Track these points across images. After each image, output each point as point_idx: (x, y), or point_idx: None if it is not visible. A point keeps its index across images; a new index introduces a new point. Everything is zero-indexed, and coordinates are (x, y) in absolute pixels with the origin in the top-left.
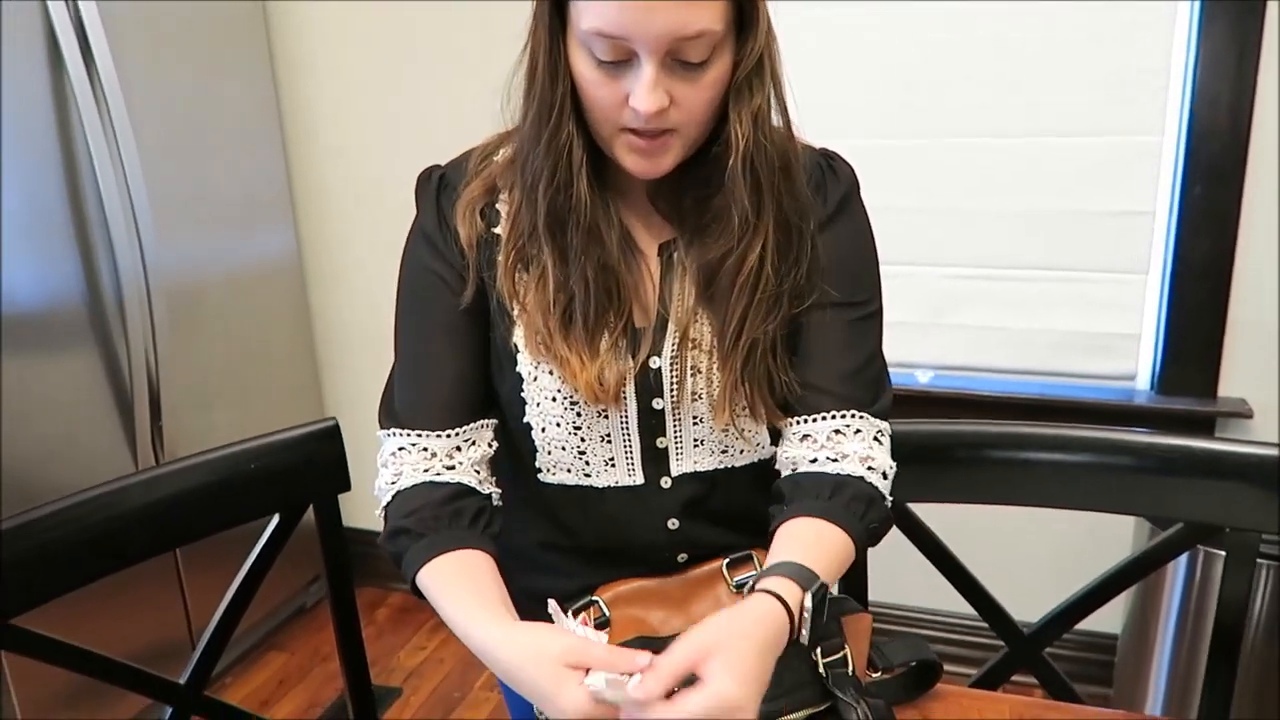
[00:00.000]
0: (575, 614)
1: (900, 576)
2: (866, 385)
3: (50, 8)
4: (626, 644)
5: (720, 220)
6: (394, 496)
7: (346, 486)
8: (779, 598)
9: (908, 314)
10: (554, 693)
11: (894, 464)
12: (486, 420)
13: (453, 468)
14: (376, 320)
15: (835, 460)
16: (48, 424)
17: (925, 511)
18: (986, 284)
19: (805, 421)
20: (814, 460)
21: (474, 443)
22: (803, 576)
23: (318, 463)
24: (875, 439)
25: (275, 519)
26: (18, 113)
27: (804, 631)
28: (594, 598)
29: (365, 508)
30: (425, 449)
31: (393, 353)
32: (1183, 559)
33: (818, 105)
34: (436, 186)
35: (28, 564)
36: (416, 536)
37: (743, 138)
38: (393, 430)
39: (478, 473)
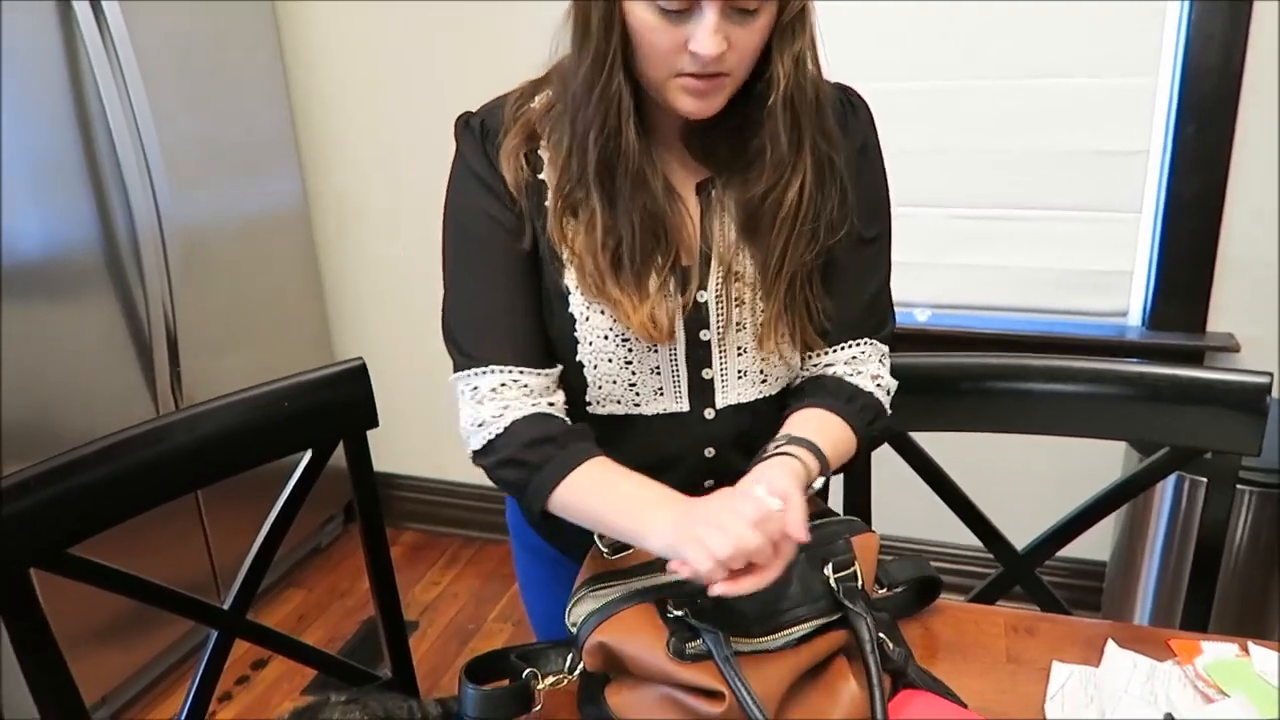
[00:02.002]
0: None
1: (902, 509)
2: (879, 314)
3: None
4: (649, 562)
5: (759, 160)
6: (512, 424)
7: (375, 423)
8: (801, 460)
9: (906, 254)
10: (732, 514)
11: (895, 381)
12: (559, 369)
13: (553, 404)
14: (382, 268)
15: (851, 377)
16: (69, 370)
17: (927, 442)
18: (983, 224)
19: (827, 353)
20: (830, 366)
21: (555, 387)
22: (816, 451)
23: (347, 401)
24: (880, 361)
25: (308, 454)
26: (29, 62)
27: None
28: None
29: (378, 448)
30: (526, 385)
31: (443, 290)
32: (1169, 488)
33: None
34: (480, 131)
35: (82, 497)
36: (558, 446)
37: (785, 78)
38: (490, 367)
39: (568, 414)
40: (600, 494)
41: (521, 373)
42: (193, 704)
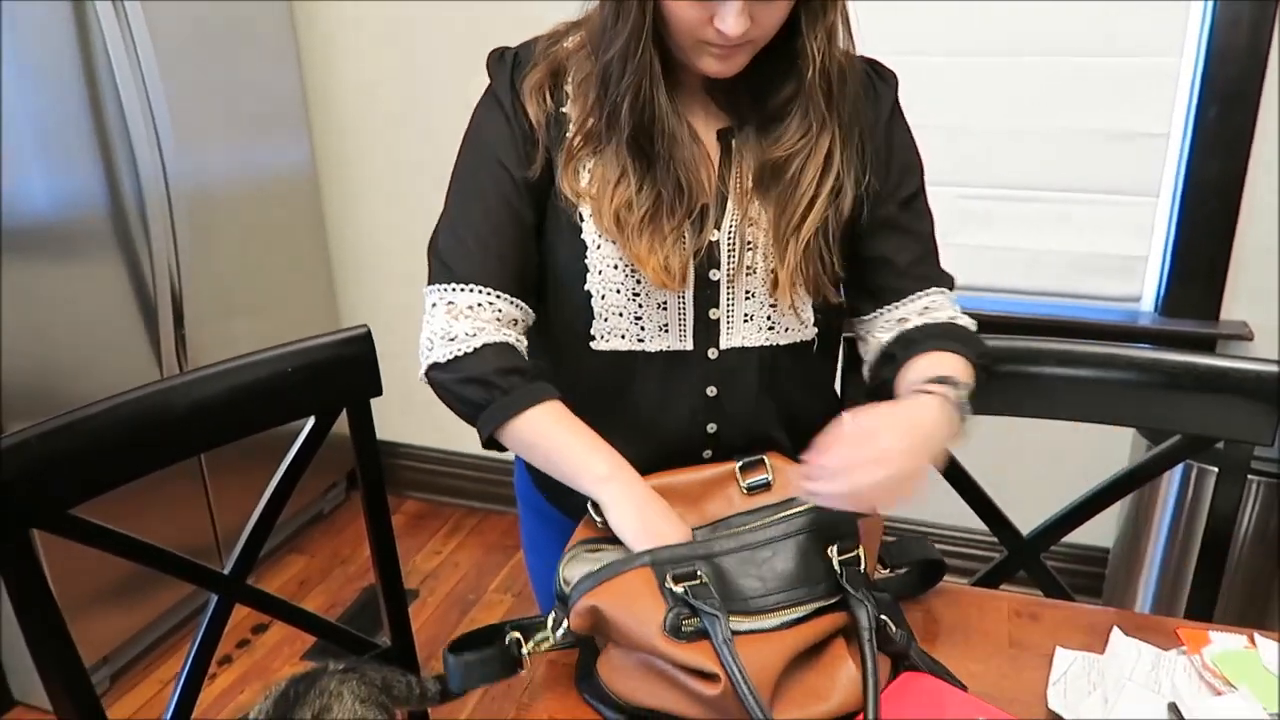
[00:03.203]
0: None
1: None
2: (936, 263)
3: None
4: None
5: (781, 120)
6: (480, 348)
7: (379, 391)
8: (943, 396)
9: None
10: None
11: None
12: (531, 310)
13: (520, 340)
14: (389, 234)
15: (938, 317)
16: (73, 331)
17: None
18: (997, 204)
19: (896, 307)
20: (911, 324)
21: (525, 323)
22: (956, 382)
23: (351, 367)
24: (954, 309)
25: (311, 421)
26: (38, 22)
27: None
28: None
29: (382, 416)
30: (499, 310)
31: (443, 206)
32: (1176, 477)
33: None
34: (511, 63)
35: (85, 457)
36: (507, 384)
37: (818, 53)
38: (467, 285)
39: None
40: (553, 436)
41: (498, 296)
42: (192, 667)
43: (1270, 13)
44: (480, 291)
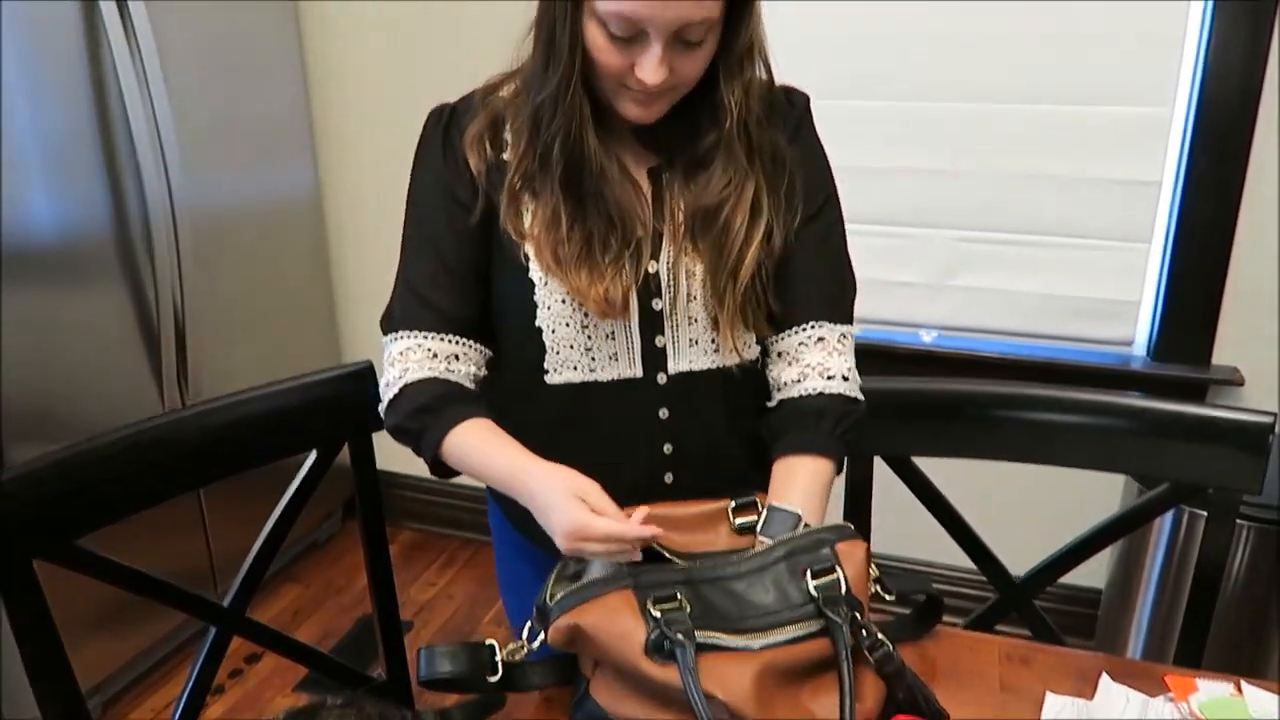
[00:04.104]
0: None
1: (900, 530)
2: (828, 291)
3: None
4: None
5: (708, 169)
6: (403, 388)
7: (380, 424)
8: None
9: (916, 275)
10: (558, 511)
11: (851, 364)
12: (479, 344)
13: (451, 372)
14: (392, 261)
15: (799, 380)
16: (76, 355)
17: (928, 466)
18: (992, 247)
19: (777, 340)
20: (784, 384)
21: (469, 358)
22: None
23: (353, 402)
24: (837, 344)
25: (313, 455)
26: (49, 45)
27: None
28: None
29: (379, 445)
30: (429, 350)
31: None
32: (1167, 519)
33: (835, 68)
34: (448, 117)
35: (90, 489)
36: (435, 413)
37: (735, 107)
38: (399, 333)
39: (472, 383)
40: (471, 459)
41: (426, 337)
42: (188, 700)
43: (1260, 64)
44: (409, 336)
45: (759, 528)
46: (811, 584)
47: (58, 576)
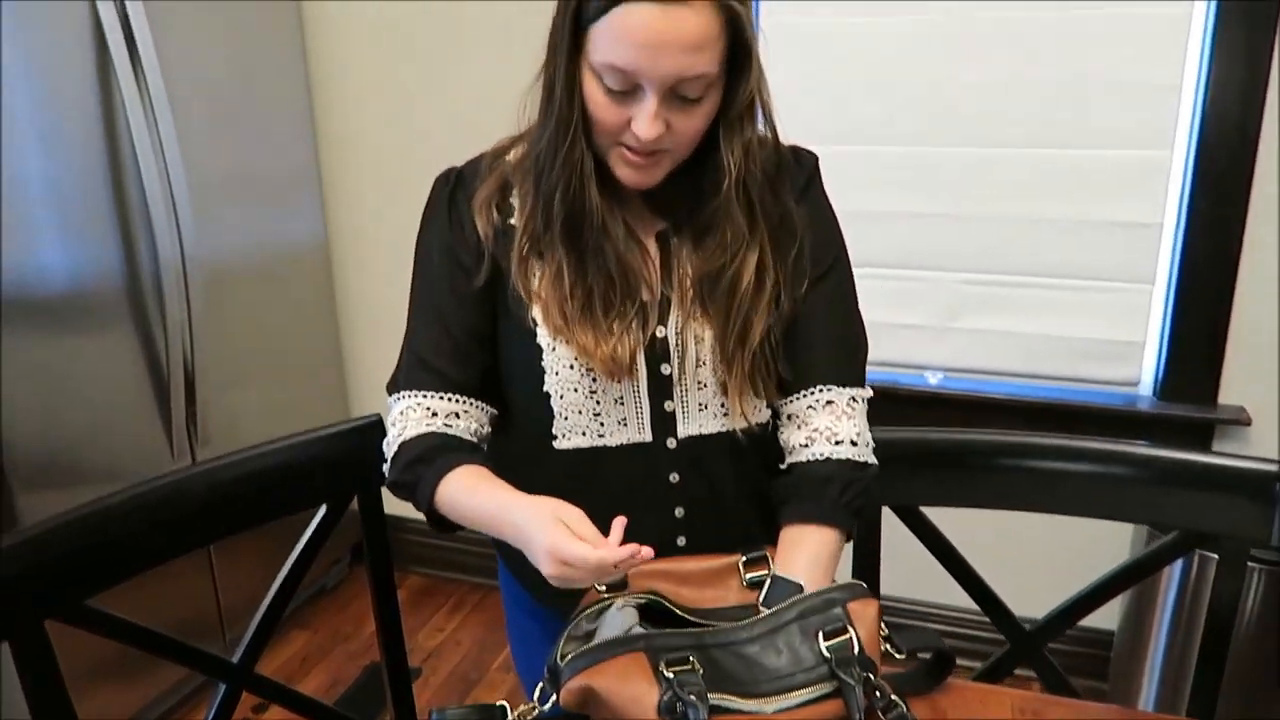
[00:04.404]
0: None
1: (912, 572)
2: (836, 354)
3: None
4: (639, 599)
5: (714, 232)
6: (401, 444)
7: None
8: None
9: (921, 317)
10: (538, 532)
11: (861, 429)
12: (483, 402)
13: (449, 428)
14: (399, 309)
15: (807, 445)
16: (86, 404)
17: (935, 512)
18: (997, 289)
19: (787, 403)
20: (793, 448)
21: (471, 415)
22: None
23: (363, 455)
24: (846, 408)
25: (323, 509)
26: (63, 96)
27: None
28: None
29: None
30: (428, 409)
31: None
32: (1178, 563)
33: (838, 113)
34: (454, 181)
35: (102, 549)
36: (429, 463)
37: (735, 167)
38: (399, 394)
39: (474, 439)
40: (460, 503)
41: (426, 396)
42: None
43: (1258, 108)
44: (410, 396)
45: (761, 597)
46: (824, 645)
47: (67, 628)
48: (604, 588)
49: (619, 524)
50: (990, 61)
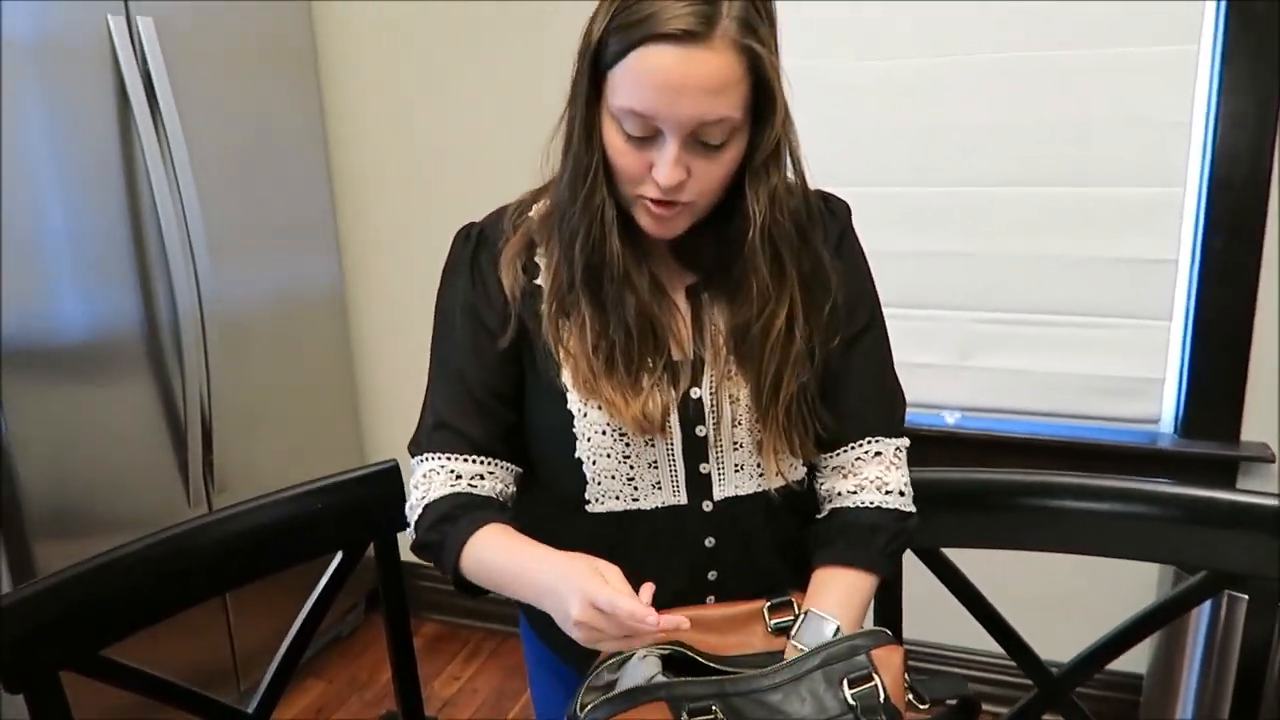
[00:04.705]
0: None
1: (935, 615)
2: (879, 407)
3: (117, 47)
4: (662, 649)
5: (744, 285)
6: (425, 506)
7: (406, 524)
8: None
9: (936, 356)
10: (573, 579)
11: (907, 480)
12: (509, 463)
13: (475, 488)
14: (416, 357)
15: (855, 492)
16: (104, 453)
17: (957, 552)
18: (1013, 328)
19: (833, 456)
20: (839, 494)
21: (496, 476)
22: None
23: (379, 502)
24: (893, 458)
25: (339, 556)
26: (84, 148)
27: None
28: None
29: (401, 537)
30: (452, 471)
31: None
32: (1207, 603)
33: (851, 155)
34: (476, 241)
35: (116, 599)
36: (454, 521)
37: (760, 215)
38: (424, 455)
39: (500, 499)
40: (486, 560)
41: (450, 459)
42: None
43: (1268, 146)
44: (434, 459)
45: (793, 633)
46: (849, 693)
47: (85, 679)
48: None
49: (648, 589)
50: (1000, 101)
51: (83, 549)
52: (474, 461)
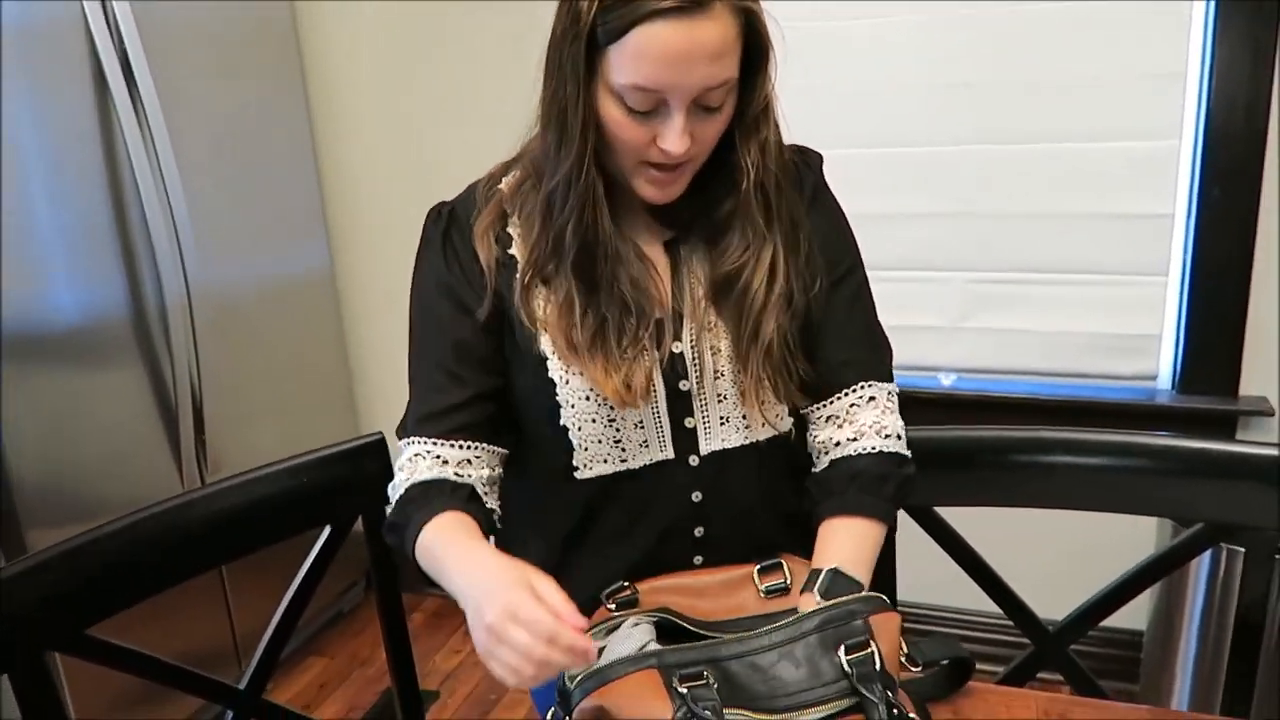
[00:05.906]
0: (609, 597)
1: (929, 577)
2: (870, 351)
3: (93, 33)
4: (651, 617)
5: (729, 234)
6: (406, 489)
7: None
8: None
9: (932, 318)
10: (504, 589)
11: (901, 424)
12: (495, 447)
13: (461, 476)
14: (404, 334)
15: (855, 439)
16: (95, 438)
17: (951, 513)
18: (1009, 287)
19: (826, 405)
20: (837, 444)
21: (482, 460)
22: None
23: (366, 475)
24: (887, 402)
25: (327, 530)
26: (65, 134)
27: None
28: (627, 584)
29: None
30: (439, 456)
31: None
32: (1205, 555)
33: (845, 116)
34: (447, 220)
35: (103, 576)
36: (418, 504)
37: (753, 167)
38: (410, 439)
39: (484, 489)
40: (428, 558)
41: (435, 443)
42: None
43: (1265, 95)
44: (420, 443)
45: (817, 587)
46: (845, 659)
47: (77, 662)
48: (613, 606)
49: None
50: (991, 58)
51: (76, 534)
52: (459, 446)
